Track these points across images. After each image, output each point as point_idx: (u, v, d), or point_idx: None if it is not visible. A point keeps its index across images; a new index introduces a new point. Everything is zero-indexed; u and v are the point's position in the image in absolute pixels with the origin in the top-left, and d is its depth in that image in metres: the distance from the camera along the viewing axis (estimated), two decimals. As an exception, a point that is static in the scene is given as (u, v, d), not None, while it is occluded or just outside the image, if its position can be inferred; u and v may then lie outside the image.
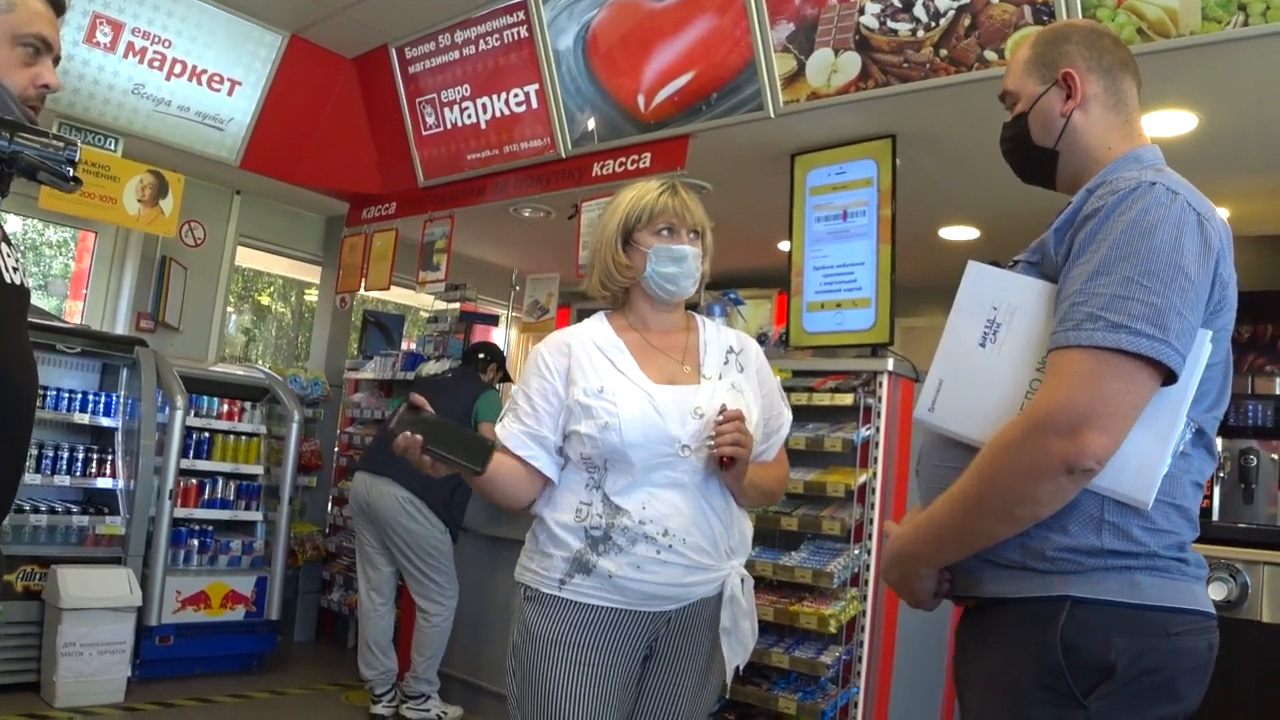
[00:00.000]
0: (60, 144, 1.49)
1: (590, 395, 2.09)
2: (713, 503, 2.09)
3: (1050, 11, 3.43)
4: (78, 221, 6.05)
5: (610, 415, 2.06)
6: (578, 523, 2.07)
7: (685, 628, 2.12)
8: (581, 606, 2.05)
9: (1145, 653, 1.40)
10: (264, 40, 5.57)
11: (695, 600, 2.09)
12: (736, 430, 2.03)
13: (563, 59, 4.95)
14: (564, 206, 5.29)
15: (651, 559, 2.02)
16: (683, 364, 2.20)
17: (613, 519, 2.04)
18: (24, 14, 1.58)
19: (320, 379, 6.49)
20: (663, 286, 2.21)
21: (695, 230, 2.25)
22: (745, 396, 2.16)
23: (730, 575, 2.11)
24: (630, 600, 2.04)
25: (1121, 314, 1.37)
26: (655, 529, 2.02)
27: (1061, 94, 1.67)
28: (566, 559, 2.06)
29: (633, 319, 2.27)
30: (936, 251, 6.21)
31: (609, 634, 2.06)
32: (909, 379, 3.89)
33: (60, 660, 4.34)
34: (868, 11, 3.89)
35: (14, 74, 1.57)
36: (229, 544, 5.35)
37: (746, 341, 2.32)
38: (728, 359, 2.23)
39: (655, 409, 2.07)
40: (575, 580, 2.05)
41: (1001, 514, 1.44)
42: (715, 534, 2.09)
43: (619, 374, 2.13)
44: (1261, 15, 3.05)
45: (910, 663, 3.81)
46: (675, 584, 2.04)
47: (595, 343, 2.19)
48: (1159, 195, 1.44)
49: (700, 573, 2.06)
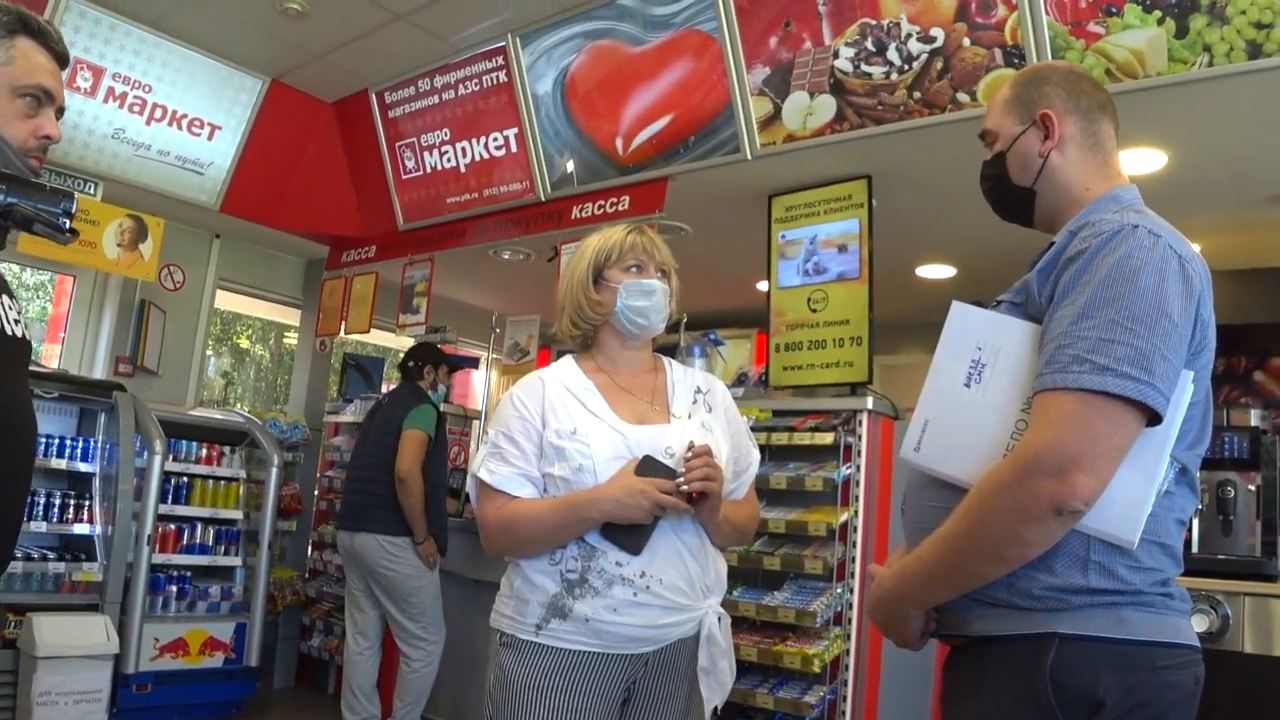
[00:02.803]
0: (56, 196, 1.49)
1: (563, 437, 2.09)
2: (687, 541, 2.07)
3: (1021, 54, 3.49)
4: (56, 265, 6.03)
5: (584, 457, 2.06)
6: (553, 566, 2.05)
7: (663, 669, 2.09)
8: (558, 652, 2.03)
9: (1134, 688, 1.41)
10: (244, 85, 5.60)
11: (673, 641, 2.07)
12: (706, 465, 2.02)
13: (541, 103, 4.99)
14: (544, 249, 5.31)
15: (629, 601, 2.00)
16: (651, 404, 2.20)
17: (589, 561, 2.03)
18: (24, 66, 1.58)
19: (300, 422, 6.46)
20: (634, 321, 2.22)
21: (662, 269, 2.27)
22: (715, 434, 2.16)
23: (707, 614, 2.09)
24: (608, 644, 2.02)
25: (1107, 357, 1.39)
26: (632, 570, 2.01)
27: (1039, 134, 1.70)
28: (543, 604, 2.04)
29: (601, 360, 2.28)
30: (914, 290, 6.27)
31: (587, 678, 2.03)
32: (889, 417, 3.91)
33: (36, 710, 4.27)
34: (842, 55, 3.95)
35: (14, 126, 1.57)
36: (208, 590, 5.29)
37: (714, 382, 2.33)
38: (696, 398, 2.24)
39: (629, 449, 2.07)
40: (552, 625, 2.03)
41: (990, 555, 1.45)
42: (691, 573, 2.07)
43: (590, 415, 2.13)
44: (1225, 56, 3.12)
45: (894, 701, 3.79)
46: (653, 625, 2.02)
47: (565, 384, 2.20)
48: (1142, 239, 1.46)
49: (678, 613, 2.04)
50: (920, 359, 7.39)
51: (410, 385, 5.03)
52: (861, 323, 4.23)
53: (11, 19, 1.57)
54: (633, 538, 2.01)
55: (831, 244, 4.40)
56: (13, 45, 1.57)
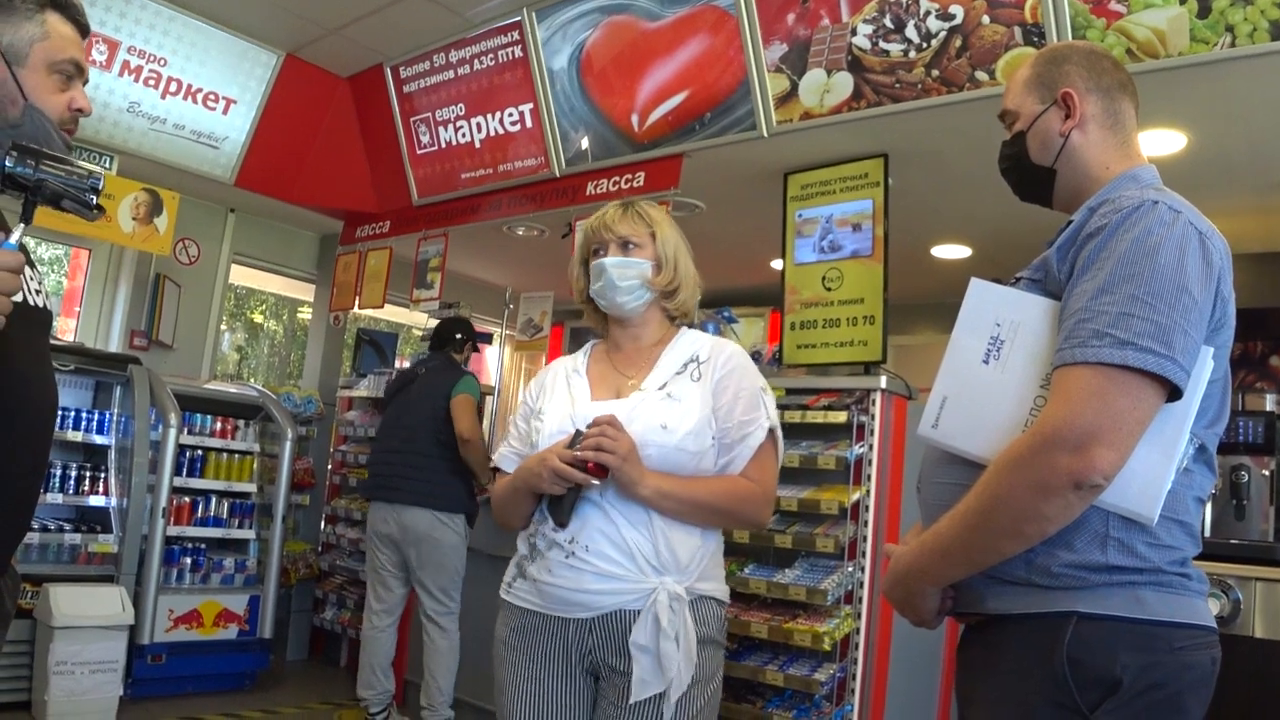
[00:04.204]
0: (84, 172, 1.51)
1: (533, 417, 2.23)
2: (625, 513, 2.04)
3: (1040, 33, 3.46)
4: (71, 239, 6.05)
5: (537, 434, 2.17)
6: (524, 532, 2.20)
7: (616, 641, 2.04)
8: (516, 610, 2.16)
9: (1151, 667, 1.40)
10: (259, 59, 5.60)
11: (613, 611, 2.03)
12: (600, 435, 1.99)
13: (557, 79, 4.98)
14: (558, 225, 5.31)
15: (561, 563, 2.05)
16: (631, 379, 2.20)
17: (539, 527, 2.13)
18: (57, 41, 1.61)
19: (314, 397, 6.48)
20: (601, 301, 2.28)
21: (627, 241, 2.25)
22: (680, 405, 2.10)
23: (657, 592, 2.01)
24: (548, 604, 2.08)
25: (1127, 331, 1.38)
26: (563, 536, 2.06)
27: (1060, 113, 1.69)
28: (515, 564, 2.21)
29: (609, 343, 2.34)
30: (929, 270, 6.25)
31: (535, 637, 2.11)
32: (902, 396, 3.90)
33: (52, 679, 4.32)
34: (860, 32, 3.92)
35: (51, 99, 1.60)
36: (222, 562, 5.34)
37: (720, 350, 2.22)
38: (685, 368, 2.19)
39: (573, 423, 2.11)
40: (516, 584, 2.18)
41: (1010, 531, 1.44)
42: (631, 545, 2.02)
43: (566, 395, 2.22)
44: (1248, 36, 3.08)
45: (905, 679, 3.80)
46: (582, 590, 2.03)
47: (565, 368, 2.30)
48: (1162, 214, 1.46)
49: (612, 582, 2.02)
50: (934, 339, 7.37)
51: (446, 357, 5.03)
52: (876, 302, 4.21)
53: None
54: (556, 508, 2.07)
55: (847, 222, 4.38)
56: (44, 20, 1.60)
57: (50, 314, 1.68)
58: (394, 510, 4.65)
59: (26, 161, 1.47)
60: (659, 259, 2.25)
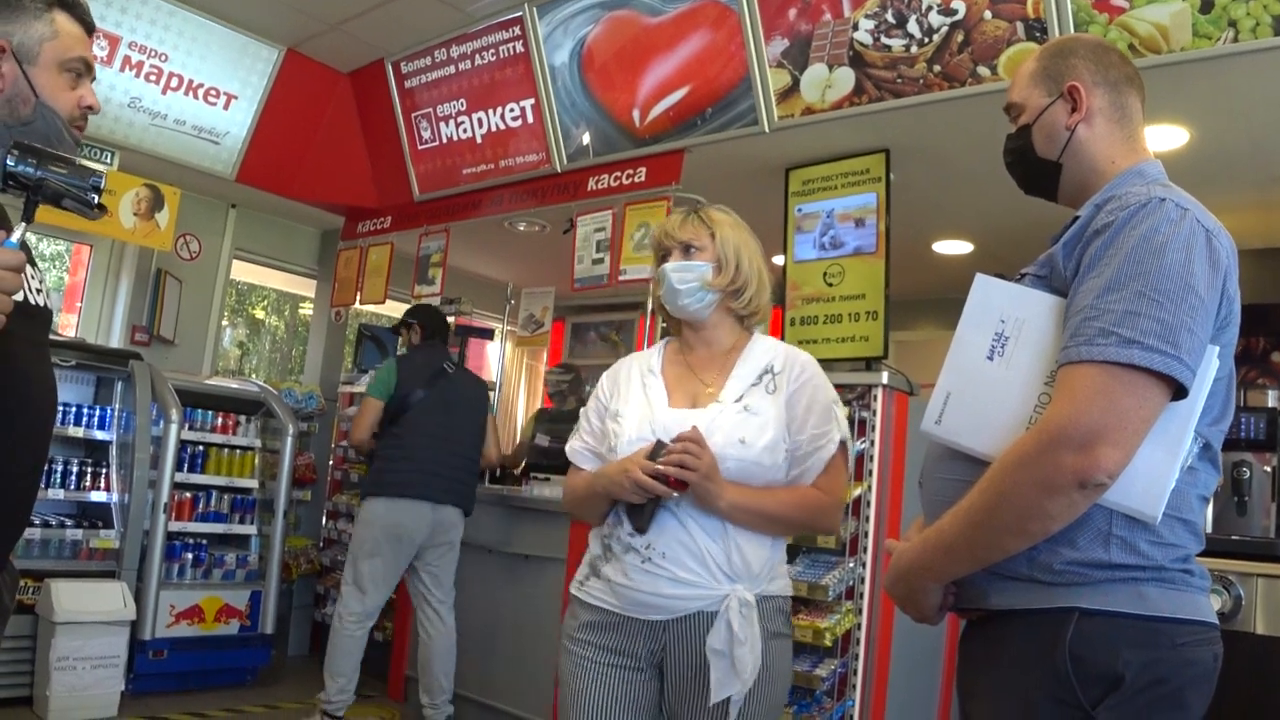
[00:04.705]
0: (86, 172, 1.52)
1: (610, 418, 2.26)
2: (701, 522, 2.09)
3: (1043, 28, 3.46)
4: (73, 234, 6.05)
5: (615, 438, 2.19)
6: (598, 533, 2.23)
7: (689, 641, 2.10)
8: (588, 606, 2.20)
9: (1153, 663, 1.40)
10: (260, 54, 5.59)
11: (691, 614, 2.09)
12: (684, 451, 2.03)
13: (558, 74, 4.97)
14: (559, 220, 5.30)
15: (637, 568, 2.10)
16: (709, 386, 2.23)
17: (614, 530, 2.16)
18: (66, 39, 1.62)
19: (315, 392, 6.48)
20: (668, 306, 2.32)
21: (689, 245, 2.29)
22: (757, 419, 2.14)
23: (730, 598, 2.06)
24: (623, 605, 2.12)
25: (1133, 330, 1.37)
26: (640, 542, 2.10)
27: (1066, 107, 1.67)
28: (589, 563, 2.24)
29: (681, 343, 2.37)
30: (930, 265, 6.24)
31: (608, 635, 2.15)
32: (903, 392, 3.90)
33: (53, 674, 4.32)
34: (861, 27, 3.92)
35: (61, 97, 1.62)
36: (223, 558, 5.34)
37: (794, 361, 2.25)
38: (760, 379, 2.22)
39: (653, 431, 2.14)
40: (590, 583, 2.21)
41: (1014, 528, 1.44)
42: (705, 554, 2.08)
43: (643, 398, 2.24)
44: (1251, 31, 3.08)
45: (906, 675, 3.81)
46: (659, 594, 2.08)
47: (641, 366, 2.33)
48: (1169, 212, 1.45)
49: (687, 587, 2.08)
50: (936, 335, 7.37)
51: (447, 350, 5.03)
52: (877, 298, 4.21)
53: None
54: (635, 515, 2.11)
55: (848, 218, 4.38)
56: (53, 19, 1.61)
57: (51, 313, 1.69)
58: (433, 510, 4.56)
59: (28, 160, 1.47)
60: (719, 259, 2.28)
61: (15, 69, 1.57)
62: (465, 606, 4.78)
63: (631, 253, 4.71)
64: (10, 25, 1.57)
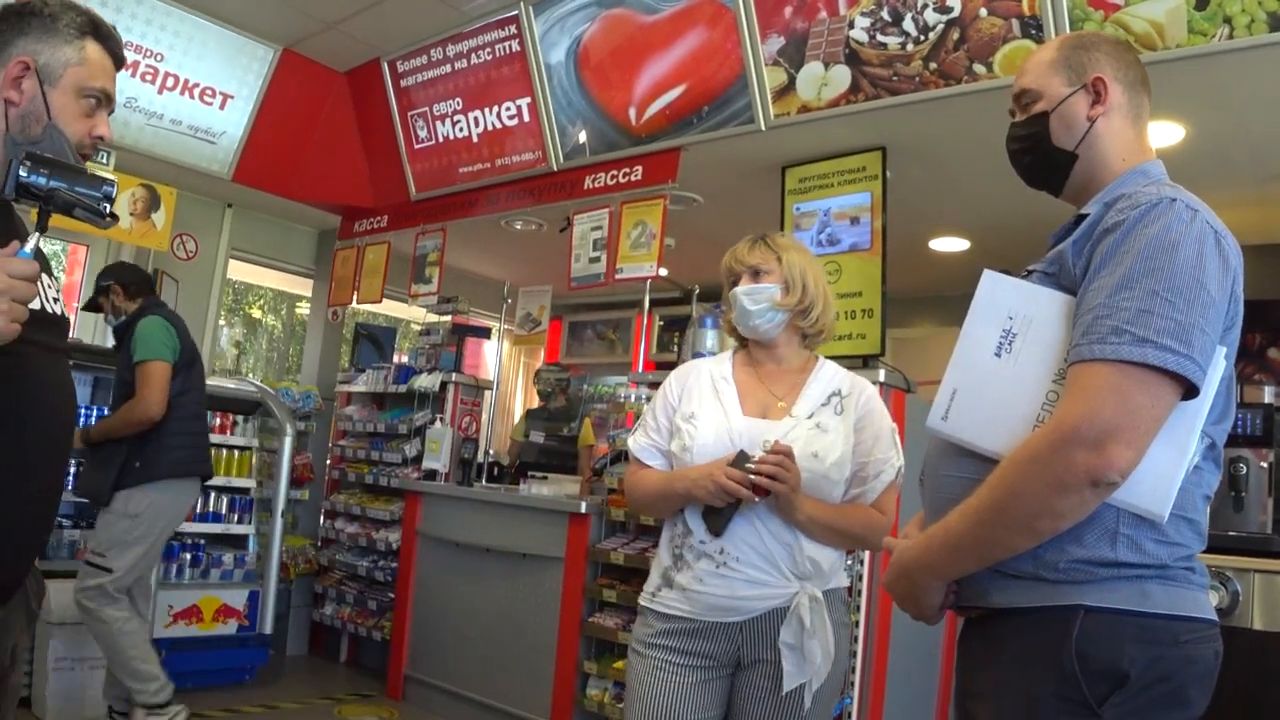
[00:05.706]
0: (97, 181, 1.54)
1: (684, 419, 2.35)
2: (771, 528, 2.21)
3: (1038, 25, 3.46)
4: (69, 235, 6.05)
5: (691, 439, 2.29)
6: (669, 543, 2.35)
7: (763, 635, 2.23)
8: (662, 615, 2.29)
9: (1157, 661, 1.40)
10: (256, 54, 5.59)
11: (764, 613, 2.22)
12: (778, 463, 2.13)
13: (554, 72, 4.97)
14: (556, 219, 5.30)
15: (711, 573, 2.22)
16: (780, 400, 2.35)
17: (684, 539, 2.28)
18: (91, 68, 1.64)
19: (312, 392, 6.47)
20: (740, 328, 2.45)
21: (757, 270, 2.41)
22: (828, 437, 2.27)
23: (799, 595, 2.21)
24: (698, 610, 2.24)
25: (1146, 329, 1.37)
26: (713, 548, 2.22)
27: (1089, 99, 1.66)
28: (660, 574, 2.34)
29: (749, 356, 2.48)
30: (927, 263, 6.24)
31: (688, 640, 2.26)
32: (901, 390, 3.90)
33: (52, 675, 4.32)
34: (857, 25, 3.92)
35: (75, 124, 1.64)
36: (221, 557, 5.33)
37: (860, 389, 2.41)
38: (829, 400, 2.35)
39: (730, 437, 2.26)
40: (663, 593, 2.31)
41: (1022, 526, 1.43)
42: (775, 556, 2.21)
43: (716, 403, 2.35)
44: (1246, 28, 3.08)
45: (904, 673, 3.81)
46: (734, 596, 2.21)
47: (712, 372, 2.42)
48: (1180, 213, 1.45)
49: (760, 588, 2.21)
50: (933, 332, 7.37)
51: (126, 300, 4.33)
52: (874, 295, 4.22)
53: (84, 21, 1.64)
54: (713, 519, 2.21)
55: (845, 216, 4.38)
56: (83, 47, 1.64)
57: (67, 320, 1.72)
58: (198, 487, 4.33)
59: (40, 171, 1.49)
60: (787, 281, 2.40)
61: (36, 87, 1.59)
62: (464, 606, 4.79)
63: (628, 251, 4.71)
64: (40, 45, 1.60)
